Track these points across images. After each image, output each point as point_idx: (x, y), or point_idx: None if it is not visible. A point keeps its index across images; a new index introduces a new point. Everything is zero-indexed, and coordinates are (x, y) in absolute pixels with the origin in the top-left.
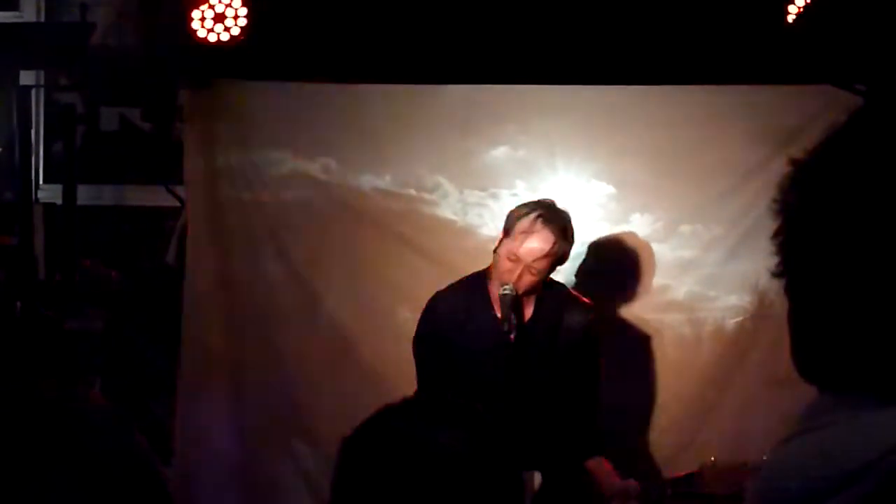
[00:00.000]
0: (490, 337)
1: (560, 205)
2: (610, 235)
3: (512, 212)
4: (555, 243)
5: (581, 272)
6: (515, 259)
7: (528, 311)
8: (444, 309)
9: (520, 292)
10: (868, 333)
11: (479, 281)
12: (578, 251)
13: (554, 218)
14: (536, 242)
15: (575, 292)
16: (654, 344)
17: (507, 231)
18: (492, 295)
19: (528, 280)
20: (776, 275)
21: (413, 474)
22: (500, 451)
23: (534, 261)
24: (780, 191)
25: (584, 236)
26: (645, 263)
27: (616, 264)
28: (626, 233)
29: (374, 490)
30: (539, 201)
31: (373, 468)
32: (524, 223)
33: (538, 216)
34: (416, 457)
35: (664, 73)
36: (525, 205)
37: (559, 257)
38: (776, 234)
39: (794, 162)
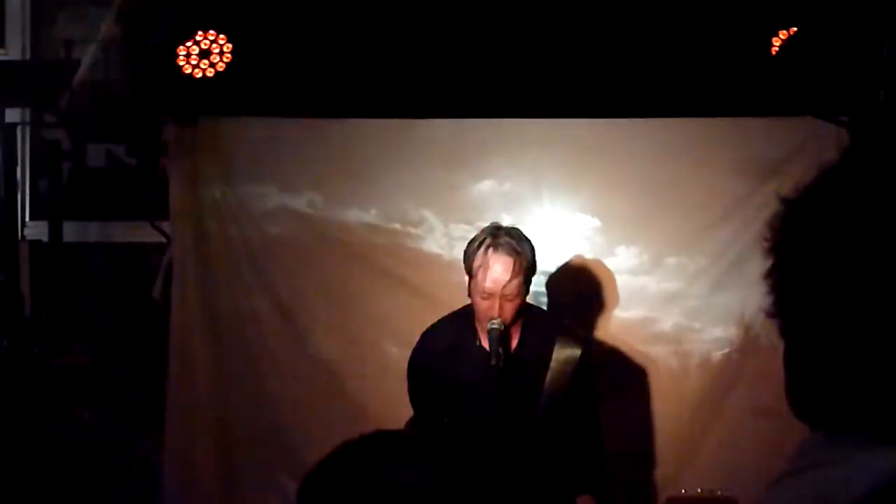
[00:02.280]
0: (478, 370)
1: (506, 222)
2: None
3: (465, 252)
4: (514, 262)
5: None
6: (488, 295)
7: (514, 340)
8: (433, 344)
9: (507, 323)
10: (863, 374)
11: (467, 315)
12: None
13: (501, 240)
14: (497, 271)
15: (568, 323)
16: (642, 376)
17: (469, 272)
18: (479, 328)
19: (509, 308)
20: (770, 315)
21: None
22: (463, 487)
23: (504, 288)
24: (770, 229)
25: (569, 268)
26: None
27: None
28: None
29: None
30: (484, 230)
31: (334, 502)
32: (478, 258)
33: (486, 246)
34: (378, 494)
35: (648, 105)
36: (473, 240)
37: (526, 272)
38: (769, 274)
39: (784, 200)
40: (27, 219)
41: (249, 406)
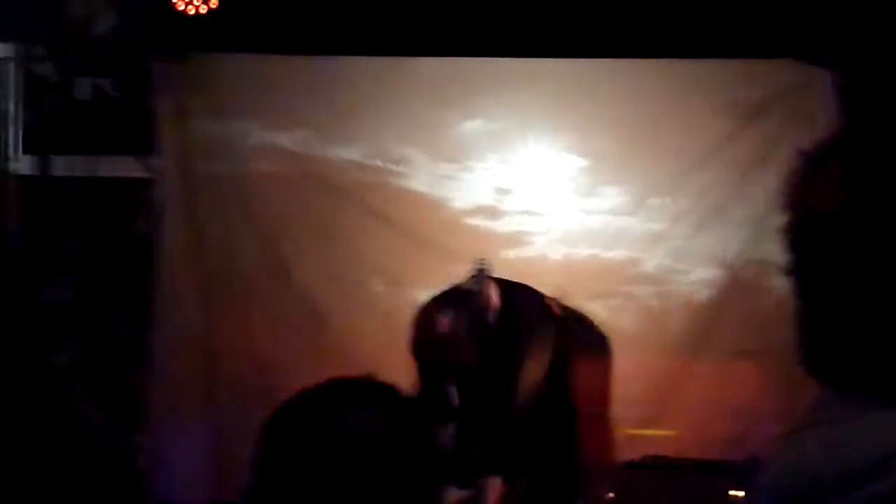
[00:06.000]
0: None
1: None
2: None
3: None
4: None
5: None
6: None
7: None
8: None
9: None
10: (877, 335)
11: None
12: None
13: None
14: None
15: (547, 299)
16: (624, 316)
17: None
18: None
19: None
20: (787, 273)
21: (329, 455)
22: (417, 431)
23: None
24: (787, 185)
25: (555, 209)
26: None
27: None
28: None
29: (293, 471)
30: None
31: (290, 449)
32: None
33: None
34: (332, 438)
35: (634, 46)
36: None
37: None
38: (785, 231)
39: (803, 154)
40: (15, 153)
41: (233, 341)
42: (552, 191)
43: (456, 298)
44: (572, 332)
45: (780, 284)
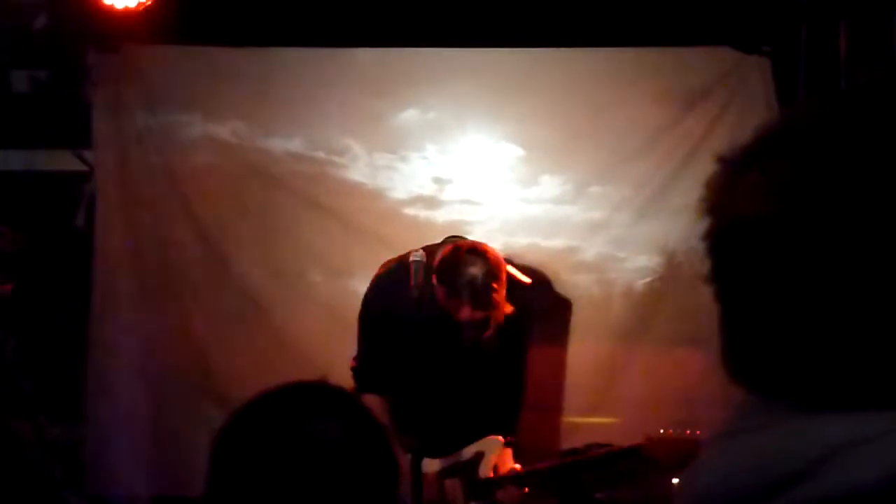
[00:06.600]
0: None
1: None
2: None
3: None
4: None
5: None
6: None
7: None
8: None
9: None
10: (798, 341)
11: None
12: (489, 215)
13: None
14: None
15: (513, 271)
16: (565, 305)
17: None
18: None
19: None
20: (707, 280)
21: (288, 462)
22: (376, 437)
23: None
24: (707, 190)
25: (495, 199)
26: None
27: None
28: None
29: (250, 478)
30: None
31: (248, 457)
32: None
33: None
34: (290, 445)
35: (572, 35)
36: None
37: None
38: (705, 237)
39: (721, 160)
40: None
41: (173, 336)
42: (491, 180)
43: (477, 252)
44: (538, 296)
45: None
